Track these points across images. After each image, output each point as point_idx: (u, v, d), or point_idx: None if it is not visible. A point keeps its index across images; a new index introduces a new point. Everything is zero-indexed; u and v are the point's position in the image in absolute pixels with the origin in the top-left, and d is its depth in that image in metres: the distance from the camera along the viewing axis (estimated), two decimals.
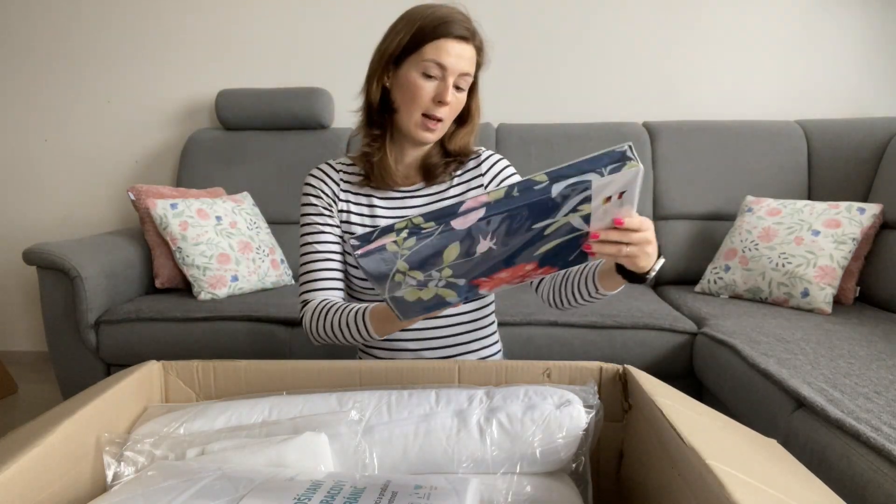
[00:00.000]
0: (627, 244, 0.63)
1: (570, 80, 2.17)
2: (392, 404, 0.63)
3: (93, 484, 0.56)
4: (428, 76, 0.85)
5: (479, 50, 0.89)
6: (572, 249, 0.62)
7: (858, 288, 1.60)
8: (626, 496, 0.66)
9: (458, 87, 0.87)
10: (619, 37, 2.14)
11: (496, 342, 1.04)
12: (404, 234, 0.56)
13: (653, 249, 0.66)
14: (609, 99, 2.17)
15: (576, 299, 0.85)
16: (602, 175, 0.52)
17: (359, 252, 0.58)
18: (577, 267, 0.84)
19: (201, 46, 2.24)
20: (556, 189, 0.52)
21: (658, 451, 0.54)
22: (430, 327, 0.96)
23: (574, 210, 0.56)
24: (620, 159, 0.52)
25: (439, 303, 0.68)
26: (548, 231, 0.57)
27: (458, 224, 0.55)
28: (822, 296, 1.48)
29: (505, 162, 1.00)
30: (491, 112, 2.16)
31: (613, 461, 0.68)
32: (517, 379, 0.70)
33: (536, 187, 0.53)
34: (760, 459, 0.49)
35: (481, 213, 0.54)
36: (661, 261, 0.72)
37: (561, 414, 0.60)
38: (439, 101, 0.85)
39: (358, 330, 0.84)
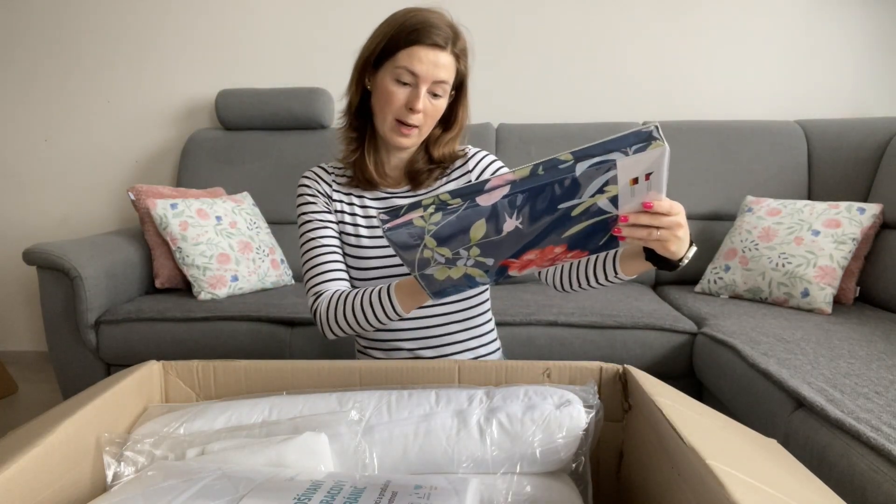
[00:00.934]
0: (658, 228, 0.61)
1: (570, 80, 2.17)
2: (392, 404, 0.63)
3: (93, 484, 0.56)
4: (401, 83, 0.84)
5: (459, 57, 0.87)
6: (602, 233, 0.62)
7: (858, 288, 1.60)
8: (626, 496, 0.66)
9: (435, 94, 0.86)
10: (619, 37, 2.14)
11: (494, 340, 1.04)
12: (431, 209, 0.57)
13: (684, 234, 0.65)
14: (609, 99, 2.17)
15: (588, 282, 0.83)
16: (627, 154, 0.51)
17: (387, 226, 0.59)
18: None
19: (201, 46, 2.24)
20: (581, 168, 0.52)
21: (658, 451, 0.54)
22: (425, 326, 0.96)
23: (600, 191, 0.55)
24: (647, 139, 0.51)
25: (469, 283, 0.68)
26: (575, 212, 0.57)
27: (484, 200, 0.55)
28: (822, 296, 1.48)
29: (492, 157, 1.00)
30: (491, 112, 2.17)
31: (613, 461, 0.68)
32: (517, 379, 0.70)
33: (561, 166, 0.53)
34: (760, 459, 0.49)
35: (506, 189, 0.54)
36: (694, 249, 0.70)
37: (561, 414, 0.60)
38: (410, 108, 0.85)
39: (382, 307, 0.82)
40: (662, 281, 1.93)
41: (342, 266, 0.94)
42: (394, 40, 0.84)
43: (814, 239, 1.54)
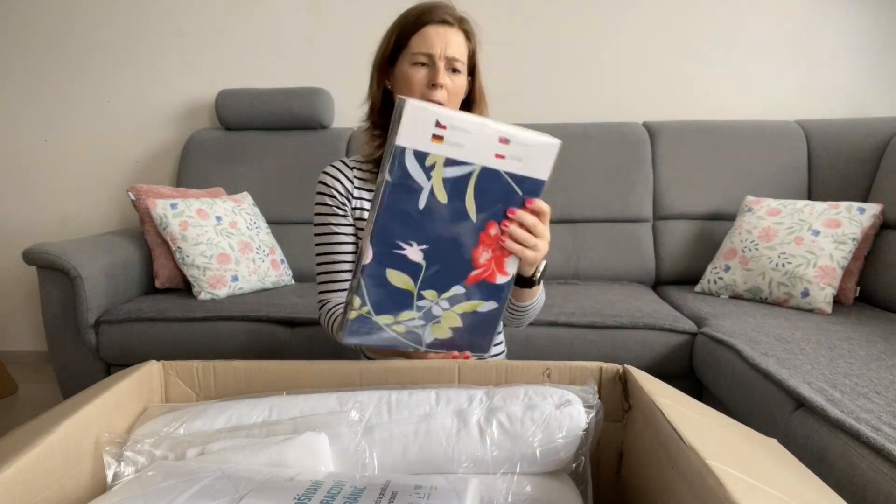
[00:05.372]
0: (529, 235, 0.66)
1: (570, 80, 2.17)
2: (392, 404, 0.63)
3: (93, 484, 0.56)
4: (419, 65, 0.87)
5: (468, 34, 0.90)
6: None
7: (858, 288, 1.60)
8: (626, 496, 0.66)
9: (454, 70, 0.88)
10: (619, 37, 2.14)
11: (500, 342, 1.05)
12: (351, 296, 0.60)
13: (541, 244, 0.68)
14: (609, 99, 2.17)
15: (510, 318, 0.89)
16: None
17: (346, 339, 0.62)
18: None
19: (201, 46, 2.24)
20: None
21: (658, 451, 0.54)
22: None
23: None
24: None
25: (480, 317, 0.68)
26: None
27: (366, 258, 0.58)
28: (822, 296, 1.47)
29: None
30: (491, 112, 2.15)
31: (613, 461, 0.68)
32: (517, 379, 0.70)
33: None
34: (760, 459, 0.49)
35: (370, 237, 0.57)
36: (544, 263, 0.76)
37: (561, 414, 0.60)
38: (433, 84, 0.87)
39: None
40: (662, 281, 1.93)
41: (348, 275, 0.97)
42: (403, 31, 0.87)
43: (814, 239, 1.54)
